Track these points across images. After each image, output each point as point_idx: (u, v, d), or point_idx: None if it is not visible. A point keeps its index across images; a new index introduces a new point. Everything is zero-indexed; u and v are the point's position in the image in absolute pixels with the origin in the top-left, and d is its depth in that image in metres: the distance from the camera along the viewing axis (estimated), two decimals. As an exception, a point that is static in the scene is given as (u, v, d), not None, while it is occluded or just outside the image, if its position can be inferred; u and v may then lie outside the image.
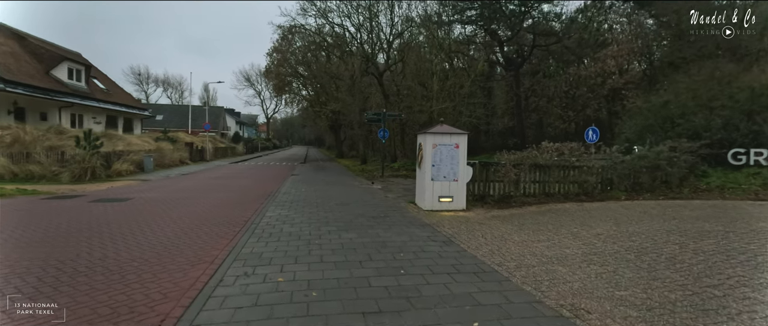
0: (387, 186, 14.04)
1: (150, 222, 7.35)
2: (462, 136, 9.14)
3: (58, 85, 23.33)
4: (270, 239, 6.13)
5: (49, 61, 23.94)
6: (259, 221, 7.50)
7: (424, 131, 9.40)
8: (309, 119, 52.94)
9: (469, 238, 6.33)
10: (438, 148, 9.02)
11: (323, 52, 32.55)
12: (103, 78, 31.82)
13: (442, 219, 7.87)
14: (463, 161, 9.11)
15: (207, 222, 7.48)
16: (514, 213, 8.64)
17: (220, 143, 41.00)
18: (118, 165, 16.49)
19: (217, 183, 14.31)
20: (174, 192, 11.81)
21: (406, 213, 8.63)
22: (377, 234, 6.47)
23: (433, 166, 9.00)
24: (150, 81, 71.95)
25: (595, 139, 14.46)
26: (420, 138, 9.58)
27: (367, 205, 9.58)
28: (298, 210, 8.71)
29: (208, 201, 10.11)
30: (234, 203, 9.85)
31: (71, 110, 24.41)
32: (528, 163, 9.56)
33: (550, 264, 4.97)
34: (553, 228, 7.02)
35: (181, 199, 10.30)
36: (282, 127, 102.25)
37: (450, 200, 9.08)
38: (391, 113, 17.61)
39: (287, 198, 10.61)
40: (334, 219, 7.71)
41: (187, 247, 5.67)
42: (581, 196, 9.82)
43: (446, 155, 9.05)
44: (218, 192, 11.94)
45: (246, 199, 10.48)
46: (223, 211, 8.65)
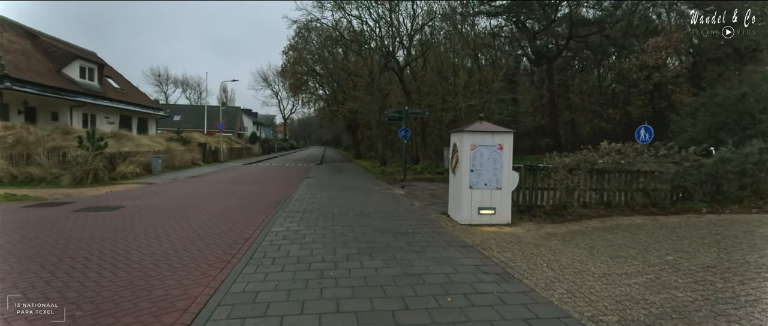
0: (411, 192, 12.55)
1: (129, 242, 6.05)
2: (507, 135, 7.58)
3: (69, 84, 22.71)
4: (272, 268, 4.73)
5: (61, 59, 23.37)
6: (263, 239, 6.13)
7: (460, 129, 7.88)
8: (326, 119, 51.91)
9: (531, 269, 4.79)
10: (478, 149, 7.48)
11: (340, 49, 31.34)
12: (118, 77, 31.34)
13: (486, 238, 6.34)
14: (508, 165, 7.55)
15: (199, 240, 6.15)
16: (574, 229, 7.03)
17: (236, 144, 40.27)
18: (123, 167, 15.51)
19: (225, 188, 13.09)
20: (175, 198, 10.61)
21: (440, 228, 7.12)
22: (410, 263, 4.99)
23: (471, 172, 7.47)
24: (169, 82, 72.44)
25: (649, 139, 12.65)
26: (454, 138, 8.07)
27: (391, 217, 8.12)
28: (311, 224, 7.31)
29: (209, 210, 8.83)
30: (238, 213, 8.53)
31: (83, 110, 23.75)
32: (586, 167, 7.91)
33: (669, 319, 3.40)
34: (637, 254, 5.40)
35: (179, 208, 9.06)
36: (299, 128, 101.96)
37: (492, 212, 7.53)
38: (414, 111, 16.13)
39: (299, 207, 9.24)
40: (354, 238, 6.27)
41: (159, 283, 4.31)
42: (649, 207, 8.11)
43: (488, 158, 7.50)
44: (224, 198, 10.68)
45: (253, 208, 9.16)
46: (222, 225, 7.32)
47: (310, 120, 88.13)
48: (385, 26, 20.71)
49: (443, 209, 9.07)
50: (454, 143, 8.02)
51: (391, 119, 16.67)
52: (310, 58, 33.34)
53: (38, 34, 24.65)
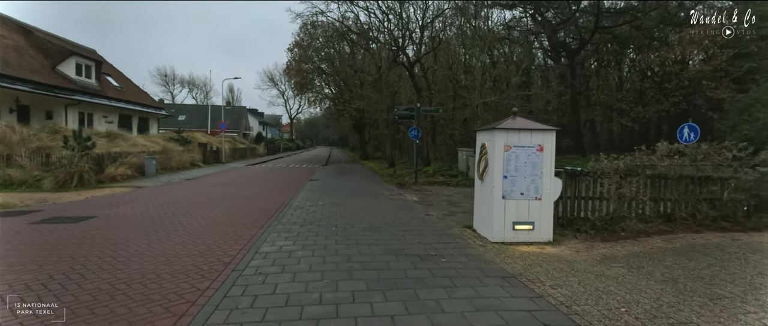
0: (425, 198, 11.21)
1: (72, 270, 4.80)
2: (548, 133, 6.21)
3: (64, 82, 21.71)
4: (248, 316, 3.43)
5: (56, 56, 22.40)
6: (246, 265, 4.84)
7: (490, 127, 6.51)
8: (332, 119, 50.74)
9: (606, 316, 3.43)
10: (513, 151, 6.12)
11: (346, 45, 30.10)
12: (118, 75, 30.40)
13: (529, 264, 4.99)
14: (550, 170, 6.18)
15: (166, 267, 4.87)
16: (636, 251, 5.64)
17: (240, 144, 39.23)
18: (112, 169, 14.36)
19: (219, 193, 11.86)
20: (159, 205, 9.38)
21: (468, 248, 5.78)
22: (438, 306, 3.66)
23: (505, 178, 6.12)
24: (176, 82, 71.84)
25: (694, 139, 11.17)
26: (482, 137, 6.71)
27: (406, 231, 6.79)
28: (309, 242, 6.01)
29: (192, 221, 7.58)
30: (225, 225, 7.27)
31: (79, 108, 22.72)
32: (645, 172, 6.51)
33: None
34: (744, 292, 4.01)
35: (158, 219, 7.82)
36: (306, 128, 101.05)
37: (530, 228, 6.17)
38: (426, 108, 14.79)
39: (298, 218, 7.95)
40: (361, 263, 4.95)
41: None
42: (720, 222, 6.69)
43: (525, 162, 6.14)
44: (214, 206, 9.43)
45: (244, 219, 7.90)
46: (202, 243, 6.05)
47: (316, 120, 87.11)
48: (395, 18, 19.38)
49: (466, 221, 7.71)
50: (481, 143, 6.67)
51: (401, 117, 15.34)
52: (315, 55, 32.14)
53: (33, 29, 23.72)
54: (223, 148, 28.14)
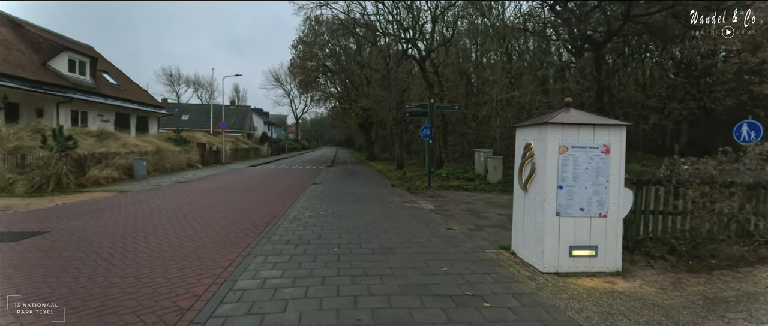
0: (442, 206, 9.75)
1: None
2: (616, 130, 4.72)
3: (55, 78, 20.57)
4: None
5: (47, 51, 21.28)
6: (210, 313, 3.44)
7: (537, 122, 5.03)
8: (338, 119, 49.42)
9: None
10: (570, 153, 4.65)
11: (352, 41, 28.77)
12: (116, 73, 29.31)
13: (608, 313, 3.52)
14: (618, 178, 4.71)
15: (91, 320, 3.48)
16: (749, 291, 4.14)
17: (244, 144, 38.03)
18: (95, 171, 13.08)
19: (208, 200, 10.51)
20: (132, 217, 8.03)
21: (514, 282, 4.32)
22: None
23: (560, 189, 4.65)
24: (181, 81, 71.08)
25: (755, 138, 9.63)
26: (526, 135, 5.24)
27: (428, 255, 5.35)
28: (302, 272, 4.60)
29: (162, 240, 6.21)
30: (199, 245, 5.89)
31: (71, 106, 21.56)
32: (744, 181, 4.98)
33: None
34: None
35: (123, 235, 6.47)
36: (312, 128, 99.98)
37: (592, 254, 4.70)
38: (441, 105, 13.35)
39: (293, 234, 6.55)
40: (372, 313, 3.52)
41: None
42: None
43: (586, 167, 4.67)
44: (196, 218, 8.07)
45: (228, 236, 6.52)
46: (161, 276, 4.67)
47: (323, 120, 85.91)
48: (405, 8, 17.92)
49: (500, 239, 6.26)
50: (524, 143, 5.19)
51: (413, 115, 13.90)
52: (320, 52, 30.84)
53: (24, 23, 22.61)
54: (223, 149, 26.88)
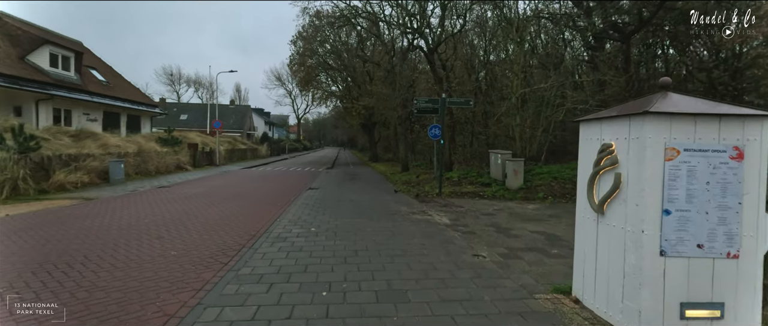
0: (460, 219, 8.11)
1: None
2: (755, 122, 3.06)
3: (34, 74, 19.10)
4: None
5: (25, 44, 19.81)
6: None
7: (625, 111, 3.35)
8: (340, 118, 47.83)
9: None
10: (683, 159, 3.01)
11: (355, 36, 27.18)
12: (106, 69, 27.85)
13: None
14: (759, 199, 3.05)
15: None
16: None
17: (241, 144, 36.51)
18: (62, 175, 11.52)
19: (182, 210, 8.92)
20: (74, 236, 6.44)
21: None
22: None
23: (666, 214, 3.00)
24: (181, 81, 69.73)
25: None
26: (602, 130, 3.58)
27: (454, 305, 3.72)
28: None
29: (93, 274, 4.63)
30: (138, 287, 4.30)
31: (53, 104, 20.05)
32: None
33: None
34: None
35: (44, 263, 4.88)
36: (314, 128, 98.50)
37: (716, 315, 3.04)
38: (454, 100, 11.71)
39: (271, 263, 4.95)
40: None
41: None
42: None
43: (708, 181, 3.02)
44: (155, 237, 6.48)
45: (182, 268, 4.93)
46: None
47: (325, 120, 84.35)
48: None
49: (548, 272, 4.63)
50: (601, 144, 3.53)
51: (422, 111, 12.26)
52: (320, 48, 29.25)
53: (2, 15, 21.17)
54: (217, 149, 25.32)
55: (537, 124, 12.51)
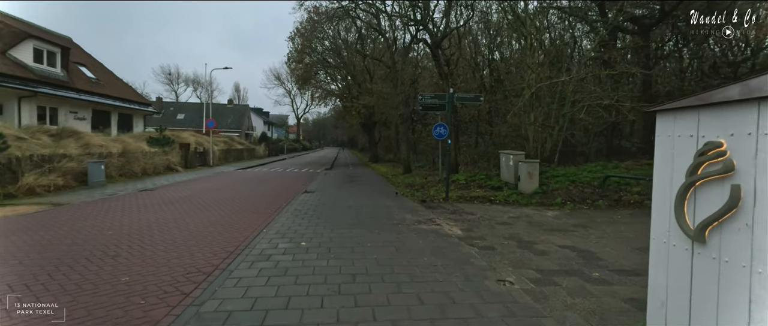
0: (473, 230, 7.06)
1: None
2: None
3: (16, 69, 18.08)
4: None
5: (7, 38, 18.78)
6: None
7: (741, 96, 2.30)
8: (340, 118, 46.81)
9: None
10: None
11: (354, 31, 26.17)
12: (97, 66, 26.83)
13: None
14: None
15: None
16: None
17: (238, 144, 35.47)
18: (31, 178, 10.48)
19: (157, 219, 7.88)
20: (9, 254, 5.40)
21: None
22: None
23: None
24: (180, 80, 68.70)
25: None
26: (701, 123, 2.53)
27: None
28: None
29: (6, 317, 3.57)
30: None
31: (37, 101, 19.03)
32: None
33: None
34: None
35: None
36: (314, 128, 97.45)
37: None
38: (462, 95, 10.66)
39: (244, 295, 3.93)
40: None
41: None
42: None
43: None
44: (113, 257, 5.45)
45: (129, 303, 3.88)
46: None
47: (325, 120, 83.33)
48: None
49: (595, 306, 3.58)
50: (705, 144, 2.46)
51: (427, 108, 11.22)
52: (319, 45, 28.24)
53: (-17, 8, 20.21)
54: (210, 149, 24.28)
55: (553, 123, 11.46)
